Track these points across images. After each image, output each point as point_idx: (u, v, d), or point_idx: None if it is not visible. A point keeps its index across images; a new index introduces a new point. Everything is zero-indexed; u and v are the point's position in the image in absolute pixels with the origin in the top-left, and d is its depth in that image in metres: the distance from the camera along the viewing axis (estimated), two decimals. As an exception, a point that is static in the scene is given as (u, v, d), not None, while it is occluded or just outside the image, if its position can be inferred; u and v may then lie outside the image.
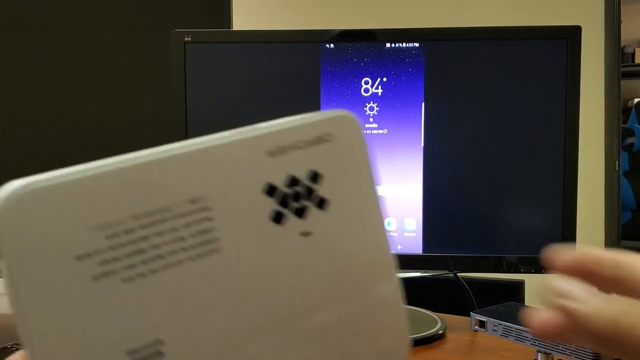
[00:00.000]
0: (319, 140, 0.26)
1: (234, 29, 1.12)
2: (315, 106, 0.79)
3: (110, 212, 0.22)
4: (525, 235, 0.80)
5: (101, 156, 0.23)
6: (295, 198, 0.26)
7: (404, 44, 0.79)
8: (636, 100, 2.55)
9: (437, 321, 0.83)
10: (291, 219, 0.25)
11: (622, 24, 1.28)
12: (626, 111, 2.49)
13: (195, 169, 0.24)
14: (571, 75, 0.78)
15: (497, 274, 0.87)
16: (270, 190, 0.25)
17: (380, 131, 0.79)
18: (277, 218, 0.25)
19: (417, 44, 0.79)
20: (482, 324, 0.67)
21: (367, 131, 0.80)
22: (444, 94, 0.79)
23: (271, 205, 0.25)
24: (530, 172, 0.79)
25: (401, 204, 0.80)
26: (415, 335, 0.77)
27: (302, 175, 0.26)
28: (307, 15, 1.22)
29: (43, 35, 1.07)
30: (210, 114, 0.81)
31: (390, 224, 0.81)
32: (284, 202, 0.25)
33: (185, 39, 0.79)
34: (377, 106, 0.79)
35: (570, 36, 0.78)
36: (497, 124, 0.79)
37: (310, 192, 0.26)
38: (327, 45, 0.79)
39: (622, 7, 1.27)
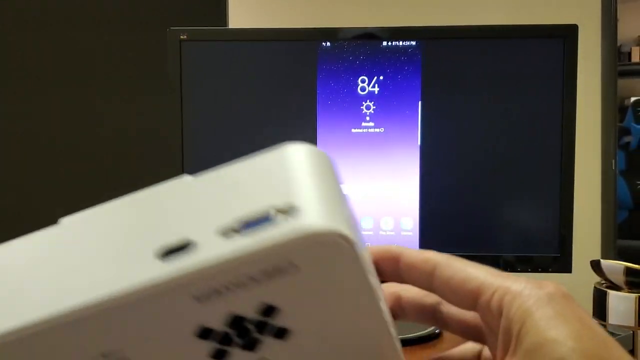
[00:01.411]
0: (272, 274, 0.19)
1: (230, 27, 1.12)
2: (311, 105, 0.79)
3: None
4: (522, 234, 0.80)
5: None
6: (242, 335, 0.20)
7: (401, 43, 0.79)
8: (633, 99, 2.55)
9: (434, 320, 0.83)
10: (238, 353, 0.21)
11: (618, 23, 1.28)
12: (623, 110, 2.49)
13: (103, 327, 0.19)
14: (568, 74, 0.78)
15: (493, 273, 0.87)
16: (205, 333, 0.20)
17: (377, 130, 0.79)
18: (219, 355, 0.21)
19: (413, 43, 0.78)
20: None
21: (364, 130, 0.79)
22: (441, 92, 0.79)
23: (210, 345, 0.20)
24: (527, 170, 0.79)
25: (398, 203, 0.80)
26: (412, 335, 0.77)
27: (250, 311, 0.20)
28: (304, 14, 1.21)
29: (39, 33, 1.06)
30: (206, 112, 0.80)
31: (387, 223, 0.81)
32: (224, 341, 0.20)
33: (181, 37, 0.79)
34: (373, 105, 0.79)
35: (566, 35, 0.77)
36: (494, 122, 0.79)
37: (263, 325, 0.20)
38: (323, 43, 0.79)
39: (619, 6, 1.27)
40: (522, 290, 0.24)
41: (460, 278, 0.26)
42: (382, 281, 0.30)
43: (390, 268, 0.29)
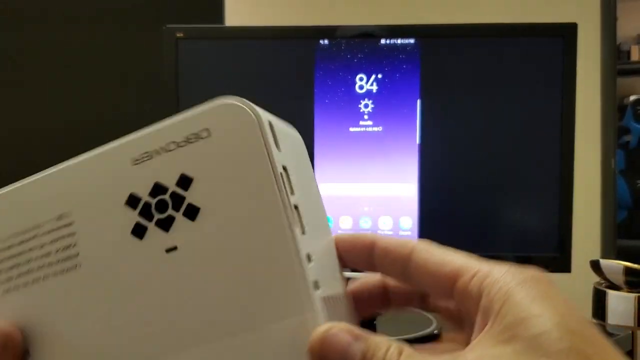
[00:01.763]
0: (190, 139, 0.23)
1: (226, 25, 1.11)
2: (309, 104, 0.79)
3: None
4: (521, 233, 0.79)
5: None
6: (160, 208, 0.22)
7: (400, 41, 0.78)
8: (632, 98, 2.55)
9: (432, 321, 0.83)
10: (154, 232, 0.22)
11: (618, 22, 1.28)
12: (622, 109, 2.48)
13: (61, 186, 0.24)
14: (567, 73, 0.77)
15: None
16: (133, 202, 0.23)
17: (375, 129, 0.79)
18: (138, 232, 0.23)
19: (412, 41, 0.78)
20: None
21: (362, 129, 0.79)
22: (440, 91, 0.79)
23: (133, 217, 0.23)
24: (526, 170, 0.79)
25: (397, 202, 0.79)
26: (410, 335, 0.76)
27: (170, 181, 0.22)
28: (301, 12, 1.21)
29: (36, 32, 1.06)
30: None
31: (386, 223, 0.80)
32: (146, 213, 0.23)
33: (177, 35, 0.78)
34: (372, 103, 0.79)
35: (566, 34, 0.77)
36: (493, 121, 0.79)
37: (178, 200, 0.22)
38: (321, 41, 0.78)
39: (618, 5, 1.27)
40: (504, 274, 0.23)
41: (438, 261, 0.26)
42: (356, 271, 0.29)
43: (363, 256, 0.28)
